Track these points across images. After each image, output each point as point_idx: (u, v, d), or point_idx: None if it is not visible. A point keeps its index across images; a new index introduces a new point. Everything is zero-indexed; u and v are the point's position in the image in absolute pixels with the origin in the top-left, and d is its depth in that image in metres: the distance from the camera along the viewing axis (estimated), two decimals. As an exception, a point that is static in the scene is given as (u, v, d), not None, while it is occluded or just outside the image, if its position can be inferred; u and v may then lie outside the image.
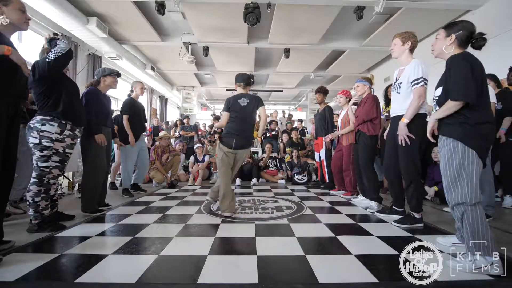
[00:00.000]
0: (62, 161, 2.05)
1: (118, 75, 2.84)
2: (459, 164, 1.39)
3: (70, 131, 2.07)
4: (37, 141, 1.92)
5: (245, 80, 2.61)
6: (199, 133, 7.23)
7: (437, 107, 1.55)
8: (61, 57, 1.89)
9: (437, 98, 1.56)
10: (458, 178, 1.40)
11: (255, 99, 2.57)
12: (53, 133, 1.96)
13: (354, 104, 3.27)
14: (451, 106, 1.41)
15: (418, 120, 2.04)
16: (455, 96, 1.39)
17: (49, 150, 1.96)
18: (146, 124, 3.97)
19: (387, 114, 3.47)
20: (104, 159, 2.64)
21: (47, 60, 1.86)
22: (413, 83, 2.04)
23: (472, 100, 1.36)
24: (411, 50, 2.15)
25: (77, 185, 3.54)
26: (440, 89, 1.54)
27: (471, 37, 1.49)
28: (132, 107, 3.51)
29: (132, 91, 3.63)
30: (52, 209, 2.13)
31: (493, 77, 2.92)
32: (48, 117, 1.96)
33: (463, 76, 1.38)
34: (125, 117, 3.43)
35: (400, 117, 2.09)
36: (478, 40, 1.48)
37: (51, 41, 1.97)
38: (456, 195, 1.40)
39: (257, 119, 3.35)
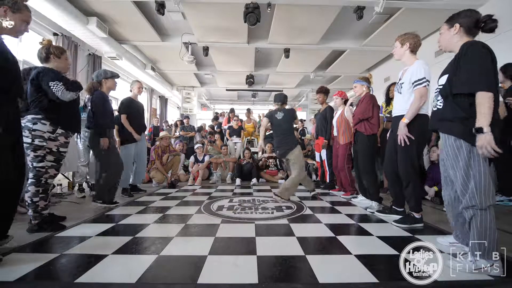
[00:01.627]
0: (57, 160, 2.03)
1: (118, 77, 2.95)
2: (466, 165, 1.29)
3: (62, 129, 2.04)
4: (29, 140, 1.89)
5: (282, 99, 3.34)
6: (203, 133, 7.24)
7: (439, 97, 1.45)
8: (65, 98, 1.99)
9: (441, 86, 1.42)
10: (467, 179, 1.29)
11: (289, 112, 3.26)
12: (45, 132, 1.93)
13: (351, 104, 3.28)
14: (488, 99, 1.17)
15: (419, 121, 2.03)
16: (480, 87, 1.20)
17: (42, 150, 1.93)
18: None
19: (388, 115, 3.46)
20: (118, 155, 2.80)
21: (55, 94, 1.93)
22: (415, 84, 2.03)
23: (494, 92, 1.20)
24: (413, 50, 2.15)
25: (77, 185, 3.54)
26: (445, 77, 1.40)
27: (477, 22, 1.36)
28: (130, 106, 3.53)
29: (131, 90, 3.66)
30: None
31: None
32: (39, 116, 1.92)
33: (487, 66, 1.23)
34: (123, 117, 3.45)
35: (401, 117, 2.09)
36: (487, 23, 1.34)
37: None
38: (466, 198, 1.30)
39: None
